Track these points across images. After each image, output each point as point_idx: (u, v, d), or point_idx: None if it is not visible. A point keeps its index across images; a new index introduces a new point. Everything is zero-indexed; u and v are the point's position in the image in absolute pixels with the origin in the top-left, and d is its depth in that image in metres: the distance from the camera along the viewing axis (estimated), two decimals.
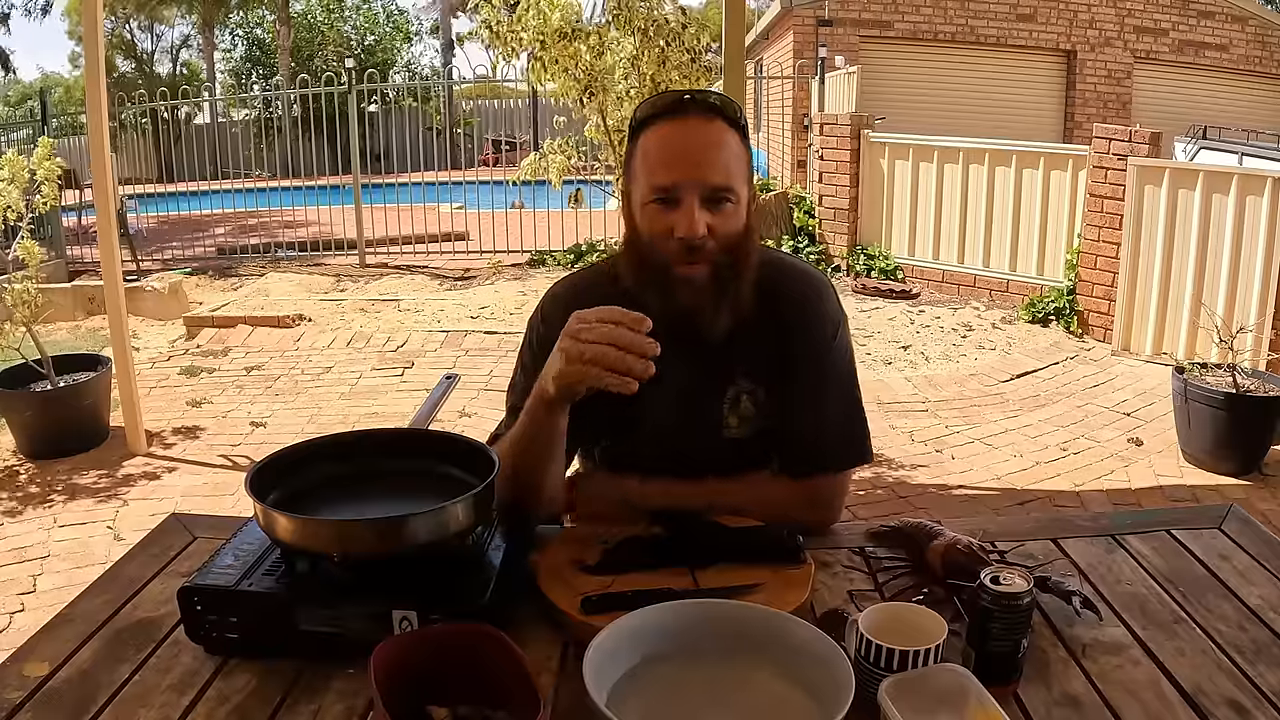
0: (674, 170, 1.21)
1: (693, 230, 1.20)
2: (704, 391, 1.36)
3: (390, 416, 4.28)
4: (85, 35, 3.65)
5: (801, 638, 0.98)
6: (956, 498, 3.51)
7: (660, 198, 1.22)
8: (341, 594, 1.06)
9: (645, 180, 1.24)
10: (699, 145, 1.22)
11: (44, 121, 8.60)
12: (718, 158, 1.22)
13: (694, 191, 1.20)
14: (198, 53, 22.04)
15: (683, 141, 1.22)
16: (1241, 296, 4.70)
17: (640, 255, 1.27)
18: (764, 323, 1.32)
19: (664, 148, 1.23)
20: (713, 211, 1.22)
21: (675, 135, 1.23)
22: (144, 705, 0.99)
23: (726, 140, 1.23)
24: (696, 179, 1.21)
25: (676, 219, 1.21)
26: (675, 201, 1.21)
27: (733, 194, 1.23)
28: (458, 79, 13.26)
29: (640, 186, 1.25)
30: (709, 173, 1.21)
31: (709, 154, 1.22)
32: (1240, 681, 1.02)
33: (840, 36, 10.48)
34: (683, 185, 1.21)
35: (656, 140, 1.24)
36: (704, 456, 1.38)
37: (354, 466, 1.24)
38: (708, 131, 1.23)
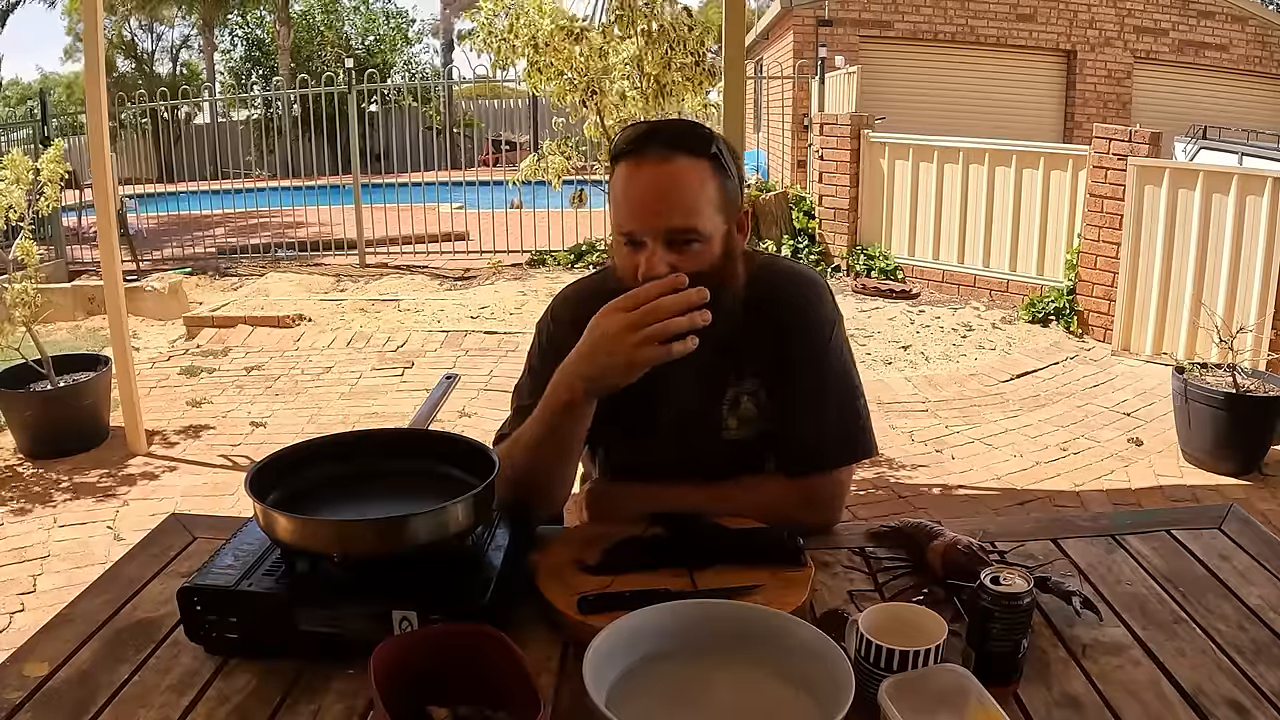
0: (634, 217, 1.22)
1: (652, 272, 1.20)
2: (704, 394, 1.37)
3: (390, 416, 4.28)
4: (85, 35, 3.65)
5: (801, 638, 0.98)
6: (956, 498, 3.52)
7: (626, 240, 1.24)
8: (341, 594, 1.06)
9: (614, 219, 1.26)
10: (656, 190, 1.21)
11: (44, 121, 8.60)
12: (676, 200, 1.21)
13: (655, 237, 1.21)
14: (198, 53, 22.04)
15: (640, 186, 1.22)
16: (1241, 296, 4.70)
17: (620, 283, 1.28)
18: (762, 326, 1.33)
19: (625, 191, 1.24)
20: (678, 252, 1.22)
21: (634, 179, 1.23)
22: (144, 705, 0.99)
23: (687, 177, 1.21)
24: (654, 226, 1.21)
25: (641, 260, 1.22)
26: (639, 244, 1.23)
27: (696, 233, 1.22)
28: (458, 79, 13.23)
29: (613, 221, 1.27)
30: (666, 218, 1.21)
31: (666, 197, 1.21)
32: (1240, 681, 1.02)
33: (840, 36, 10.48)
34: (641, 232, 1.22)
35: (620, 182, 1.24)
36: (704, 459, 1.39)
37: (354, 466, 1.24)
38: (666, 172, 1.21)
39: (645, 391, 1.34)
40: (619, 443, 1.47)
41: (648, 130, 1.26)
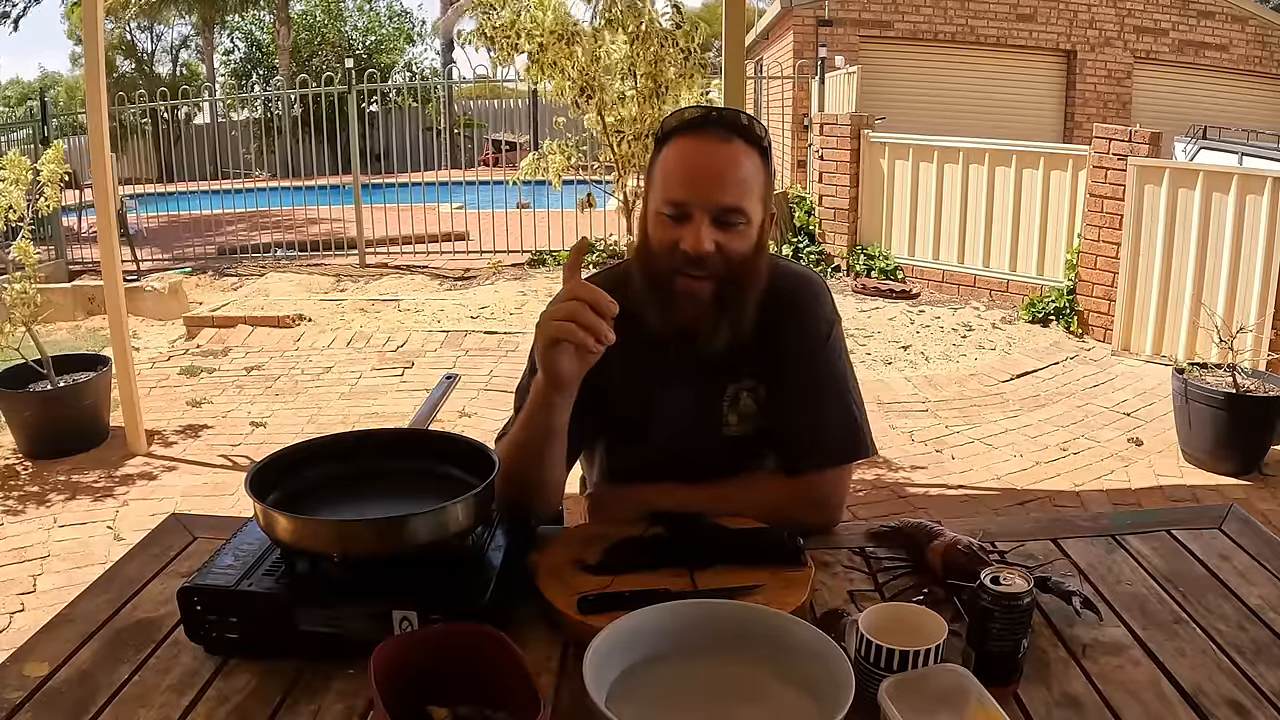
0: (688, 187, 1.23)
1: (698, 247, 1.22)
2: (704, 391, 1.38)
3: (390, 416, 4.28)
4: (85, 35, 3.65)
5: (801, 638, 0.98)
6: (956, 498, 3.52)
7: (672, 212, 1.24)
8: (341, 594, 1.06)
9: (660, 192, 1.26)
10: (715, 165, 1.23)
11: (44, 121, 8.60)
12: (733, 178, 1.23)
13: (705, 210, 1.22)
14: (197, 53, 22.04)
15: (700, 159, 1.24)
16: (1241, 296, 4.70)
17: (648, 262, 1.29)
18: (763, 324, 1.34)
19: (681, 163, 1.25)
20: (722, 230, 1.24)
21: (694, 152, 1.24)
22: (144, 705, 0.99)
23: (744, 161, 1.24)
24: (708, 198, 1.22)
25: (684, 233, 1.23)
26: (686, 217, 1.23)
27: (743, 215, 1.24)
28: (458, 79, 13.23)
29: (655, 196, 1.27)
30: (721, 193, 1.22)
31: (724, 174, 1.23)
32: (1240, 681, 1.02)
33: (840, 36, 10.48)
34: (694, 203, 1.23)
35: (676, 154, 1.25)
36: (704, 455, 1.39)
37: (354, 466, 1.24)
38: (726, 151, 1.23)
39: (646, 388, 1.37)
40: (619, 441, 1.47)
41: (706, 112, 1.28)
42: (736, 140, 1.24)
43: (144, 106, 9.55)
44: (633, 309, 1.30)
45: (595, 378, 1.31)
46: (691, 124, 1.26)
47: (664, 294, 1.28)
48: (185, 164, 9.89)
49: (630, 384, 1.37)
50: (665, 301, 1.28)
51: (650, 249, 1.29)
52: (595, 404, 1.33)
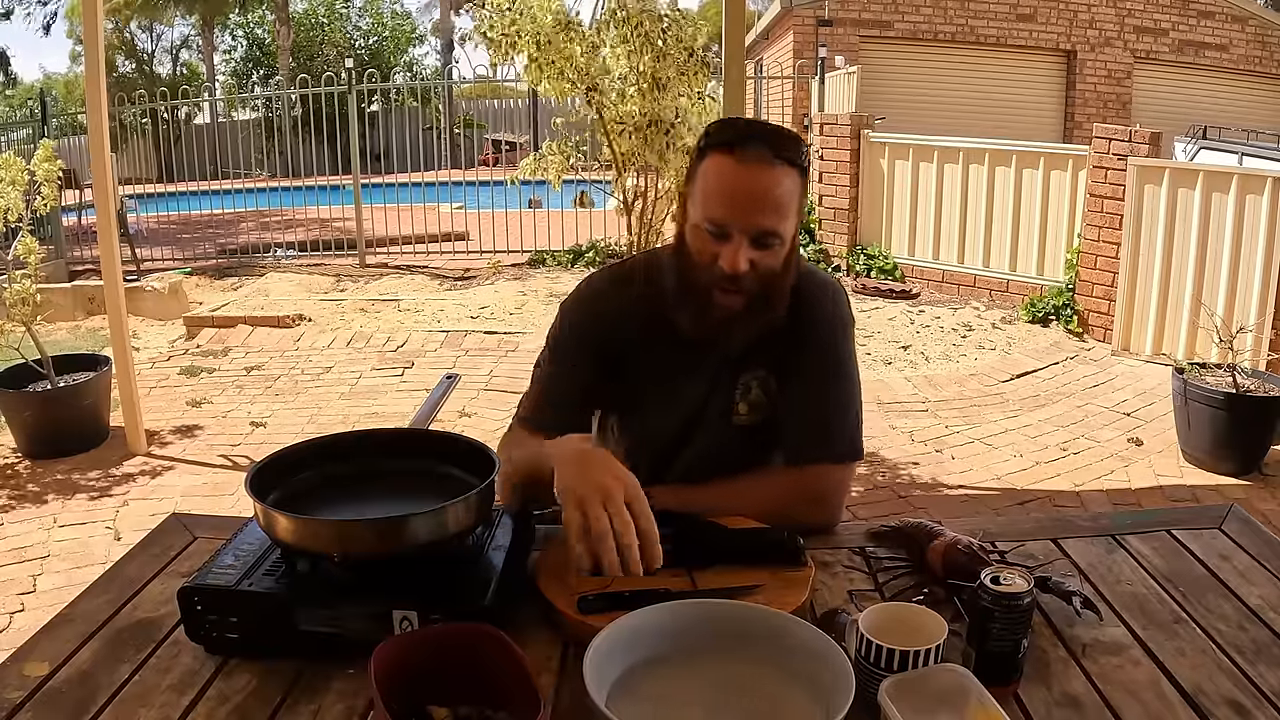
0: (729, 208, 1.26)
1: (736, 268, 1.26)
2: (719, 380, 1.43)
3: (390, 416, 4.28)
4: (85, 35, 3.65)
5: (801, 638, 0.98)
6: (956, 498, 3.52)
7: (711, 230, 1.28)
8: (342, 594, 1.06)
9: (701, 208, 1.29)
10: (756, 189, 1.26)
11: (44, 121, 8.60)
12: (772, 202, 1.27)
13: (744, 232, 1.26)
14: (197, 53, 22.04)
15: (742, 182, 1.26)
16: (1241, 296, 4.70)
17: (686, 271, 1.33)
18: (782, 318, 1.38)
19: (723, 184, 1.27)
20: (758, 249, 1.28)
21: (736, 174, 1.26)
22: (144, 705, 1.00)
23: (784, 182, 1.27)
24: (748, 221, 1.26)
25: (724, 251, 1.27)
26: (725, 236, 1.27)
27: (779, 237, 1.29)
28: (458, 79, 13.25)
29: (696, 209, 1.30)
30: (761, 217, 1.26)
31: (764, 199, 1.26)
32: (1240, 681, 1.02)
33: (840, 36, 10.48)
34: (734, 224, 1.26)
35: (718, 172, 1.28)
36: (715, 444, 1.44)
37: (354, 466, 1.24)
38: (768, 176, 1.26)
39: (663, 376, 1.43)
40: (631, 423, 1.51)
41: (748, 128, 1.32)
42: (778, 163, 1.27)
43: (144, 107, 9.55)
44: (655, 302, 1.39)
45: (613, 362, 1.43)
46: (736, 142, 1.28)
47: (700, 300, 1.32)
48: (185, 164, 9.89)
49: (648, 370, 1.43)
50: (700, 307, 1.32)
51: (689, 259, 1.32)
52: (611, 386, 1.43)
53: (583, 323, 1.45)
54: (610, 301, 1.45)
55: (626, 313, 1.43)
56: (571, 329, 1.47)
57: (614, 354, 1.44)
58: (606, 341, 1.44)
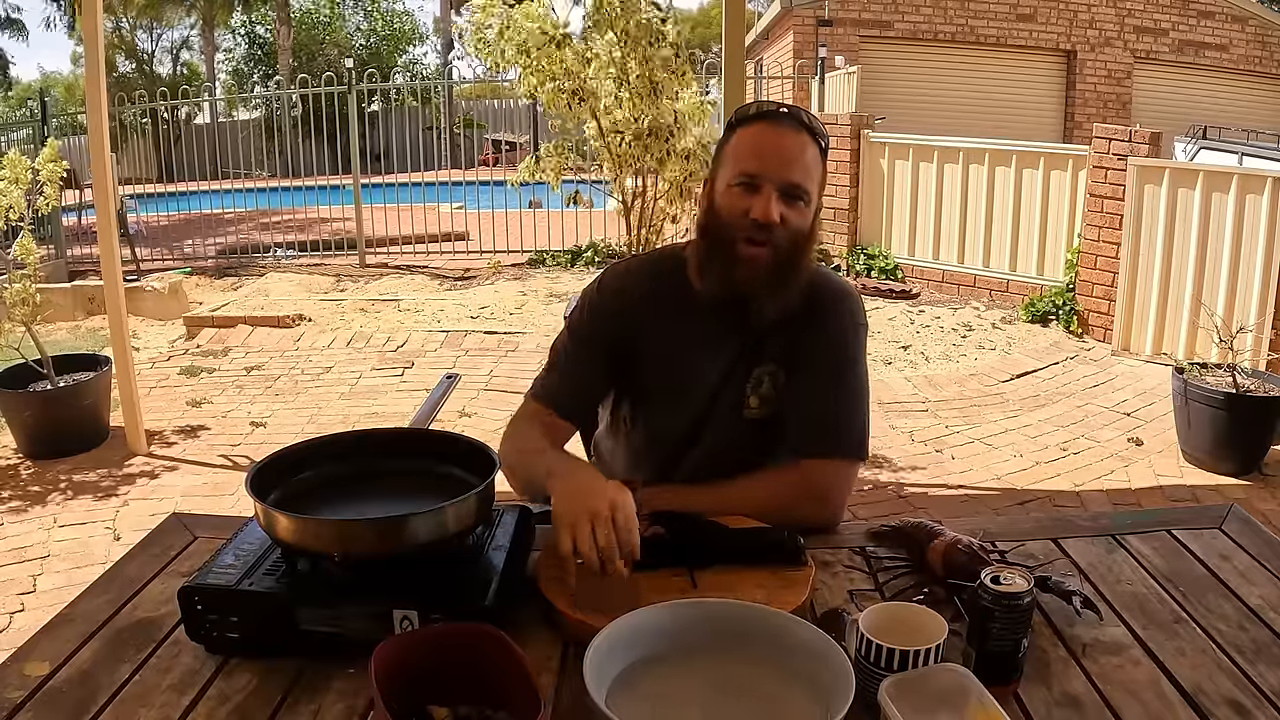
0: (761, 161, 1.35)
1: (767, 214, 1.33)
2: (732, 373, 1.46)
3: (390, 416, 4.28)
4: (85, 35, 3.65)
5: (801, 637, 0.98)
6: (956, 498, 3.51)
7: (744, 181, 1.35)
8: (342, 594, 1.06)
9: (733, 166, 1.37)
10: (787, 145, 1.36)
11: (44, 121, 8.59)
12: (800, 160, 1.36)
13: (774, 183, 1.34)
14: (198, 53, 22.05)
15: (774, 139, 1.37)
16: (1241, 296, 4.70)
17: (712, 233, 1.40)
18: (798, 316, 1.43)
19: (756, 141, 1.37)
20: (787, 204, 1.35)
21: (769, 133, 1.37)
22: (144, 705, 1.00)
23: (810, 151, 1.37)
24: (779, 173, 1.34)
25: (755, 202, 1.34)
26: (756, 188, 1.35)
27: (806, 195, 1.37)
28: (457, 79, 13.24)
29: (727, 171, 1.38)
30: (791, 170, 1.35)
31: (795, 155, 1.36)
32: (1240, 681, 1.02)
33: (840, 36, 10.48)
34: (765, 175, 1.34)
35: (751, 134, 1.38)
36: (724, 436, 1.48)
37: (354, 466, 1.25)
38: (797, 138, 1.37)
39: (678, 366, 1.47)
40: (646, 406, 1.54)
41: (779, 106, 1.42)
42: (806, 133, 1.37)
43: (144, 106, 9.55)
44: (675, 289, 1.46)
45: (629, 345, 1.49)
46: (766, 114, 1.39)
47: (726, 256, 1.37)
48: (185, 164, 9.89)
49: (663, 357, 1.48)
50: (726, 263, 1.37)
51: (719, 216, 1.38)
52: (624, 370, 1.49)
53: (603, 305, 1.51)
54: (631, 287, 1.51)
55: (646, 299, 1.49)
56: (590, 310, 1.53)
57: (630, 338, 1.49)
58: (624, 325, 1.49)
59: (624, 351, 1.49)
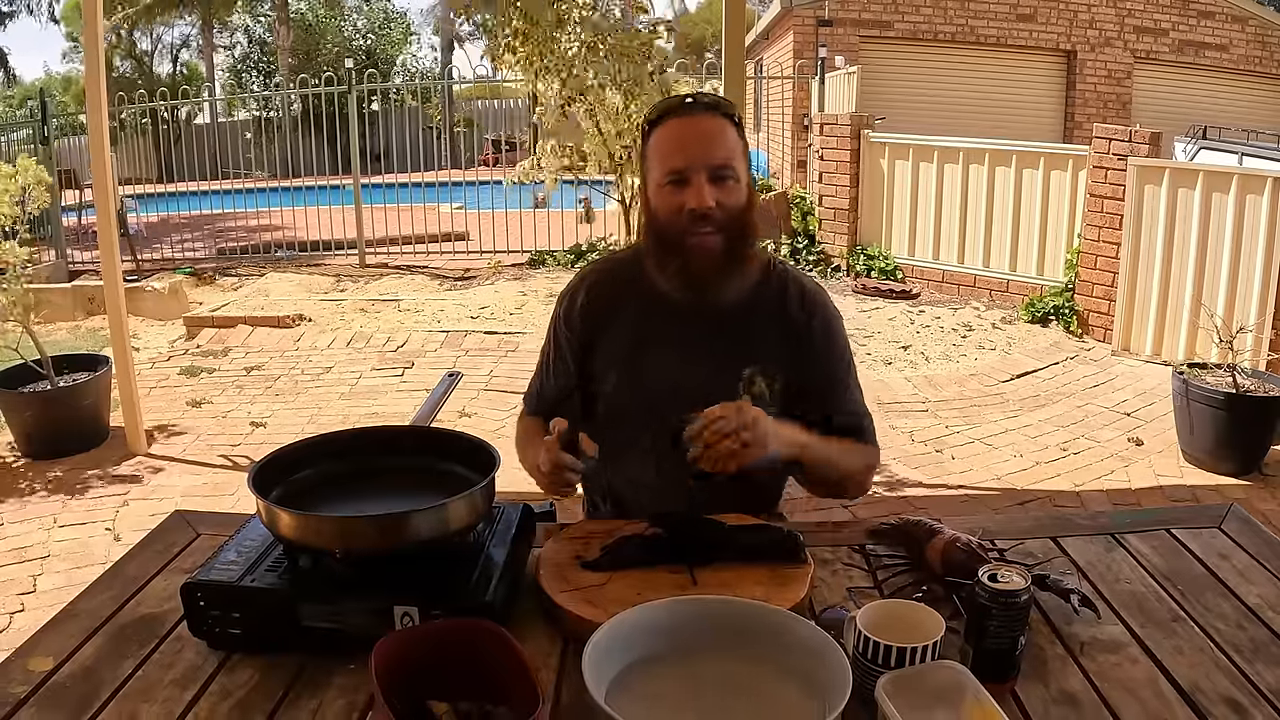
0: (684, 154, 1.39)
1: (702, 201, 1.37)
2: (722, 369, 1.47)
3: (390, 416, 4.28)
4: (85, 35, 3.65)
5: (800, 634, 0.99)
6: (956, 498, 3.52)
7: (673, 179, 1.40)
8: (343, 590, 1.07)
9: (660, 165, 1.42)
10: (704, 132, 1.41)
11: (44, 121, 8.59)
12: (721, 142, 1.41)
13: (701, 171, 1.38)
14: (197, 53, 22.03)
15: (690, 131, 1.41)
16: (1241, 296, 4.70)
17: (658, 233, 1.44)
18: (776, 314, 1.50)
19: (674, 137, 1.42)
20: (718, 187, 1.39)
21: (684, 126, 1.42)
22: (147, 700, 1.00)
23: (726, 129, 1.42)
24: (703, 160, 1.39)
25: (688, 195, 1.38)
26: (686, 181, 1.39)
27: (734, 172, 1.41)
28: (458, 79, 13.23)
29: (656, 172, 1.43)
30: (713, 154, 1.39)
31: (713, 139, 1.40)
32: (1238, 680, 1.03)
33: (840, 36, 10.48)
34: (692, 166, 1.39)
35: (667, 133, 1.43)
36: None
37: (356, 464, 1.25)
38: (711, 122, 1.41)
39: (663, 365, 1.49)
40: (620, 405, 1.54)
41: (684, 97, 1.47)
42: (717, 114, 1.43)
43: (144, 106, 9.54)
44: (647, 287, 1.49)
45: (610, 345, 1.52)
46: (676, 107, 1.44)
47: (678, 253, 1.42)
48: (185, 164, 9.89)
49: (646, 361, 1.50)
50: (680, 259, 1.42)
51: (658, 219, 1.43)
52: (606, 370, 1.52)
53: (577, 309, 1.56)
54: (603, 290, 1.56)
55: (618, 300, 1.53)
56: (566, 315, 1.58)
57: (604, 339, 1.53)
58: (599, 328, 1.53)
59: (604, 349, 1.54)
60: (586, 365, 1.56)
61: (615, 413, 1.56)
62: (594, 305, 1.54)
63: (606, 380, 1.54)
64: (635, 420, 1.52)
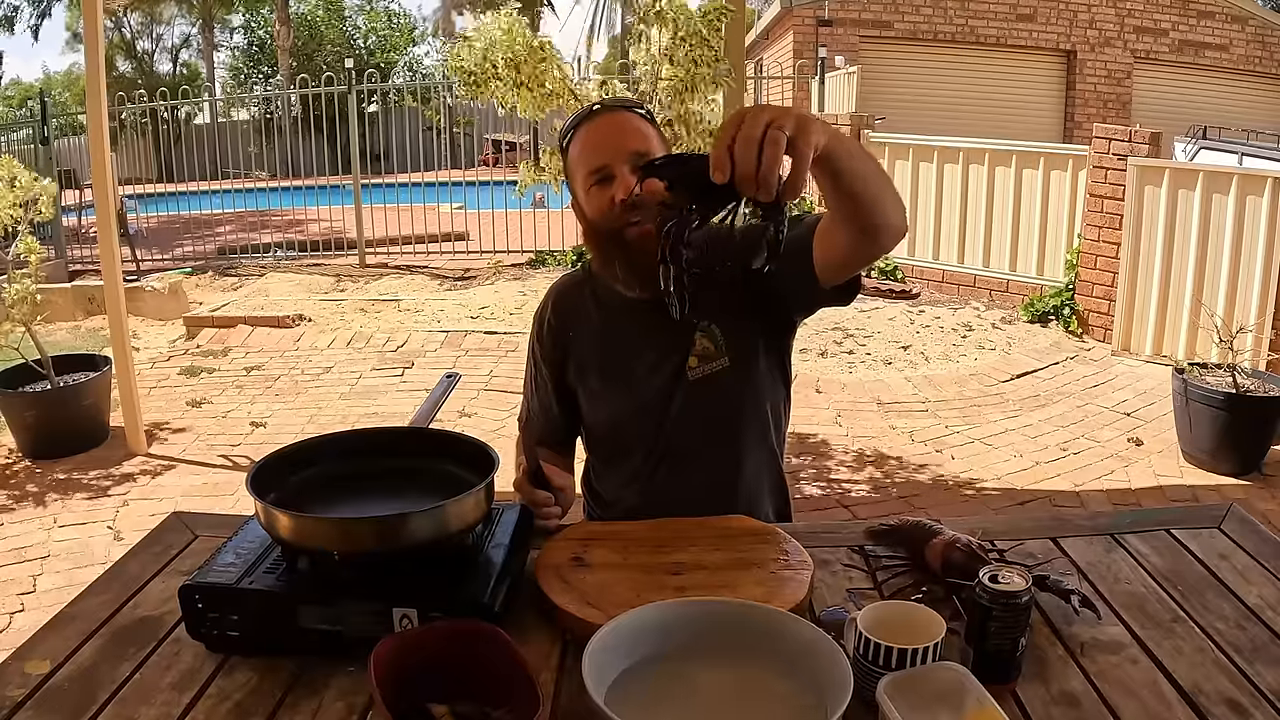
0: (600, 151, 1.42)
1: (628, 188, 1.37)
2: (673, 347, 1.48)
3: (390, 416, 4.28)
4: (85, 35, 3.65)
5: (800, 635, 0.99)
6: (956, 498, 3.52)
7: (597, 178, 1.41)
8: (342, 592, 1.06)
9: (582, 170, 1.44)
10: (615, 125, 1.44)
11: (44, 121, 8.59)
12: (634, 132, 1.43)
13: (621, 162, 1.40)
14: (197, 53, 22.04)
15: (603, 128, 1.44)
16: (1241, 296, 4.70)
17: (596, 232, 1.46)
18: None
19: (587, 139, 1.44)
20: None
21: (593, 128, 1.45)
22: (145, 703, 1.00)
23: (635, 120, 1.45)
24: (620, 150, 1.41)
25: (614, 188, 1.40)
26: (610, 176, 1.41)
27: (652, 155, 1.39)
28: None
29: (579, 179, 1.45)
30: (628, 142, 1.41)
31: (625, 129, 1.43)
32: (1238, 680, 1.03)
33: (840, 36, 10.48)
34: (611, 160, 1.41)
35: (581, 138, 1.45)
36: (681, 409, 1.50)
37: (355, 465, 1.25)
38: (619, 117, 1.45)
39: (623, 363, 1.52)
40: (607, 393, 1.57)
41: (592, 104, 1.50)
42: (622, 110, 1.46)
43: (144, 106, 9.54)
44: (605, 293, 1.53)
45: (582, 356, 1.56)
46: (583, 116, 1.46)
47: (619, 249, 1.42)
48: (185, 164, 9.89)
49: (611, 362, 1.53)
50: (623, 255, 1.42)
51: (593, 223, 1.45)
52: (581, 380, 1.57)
53: (548, 324, 1.61)
54: (568, 302, 1.60)
55: (581, 310, 1.57)
56: (538, 331, 1.63)
57: (579, 351, 1.57)
58: (567, 340, 1.58)
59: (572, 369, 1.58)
60: (564, 383, 1.60)
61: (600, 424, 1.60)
62: (559, 323, 1.59)
63: (585, 392, 1.58)
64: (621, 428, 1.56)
